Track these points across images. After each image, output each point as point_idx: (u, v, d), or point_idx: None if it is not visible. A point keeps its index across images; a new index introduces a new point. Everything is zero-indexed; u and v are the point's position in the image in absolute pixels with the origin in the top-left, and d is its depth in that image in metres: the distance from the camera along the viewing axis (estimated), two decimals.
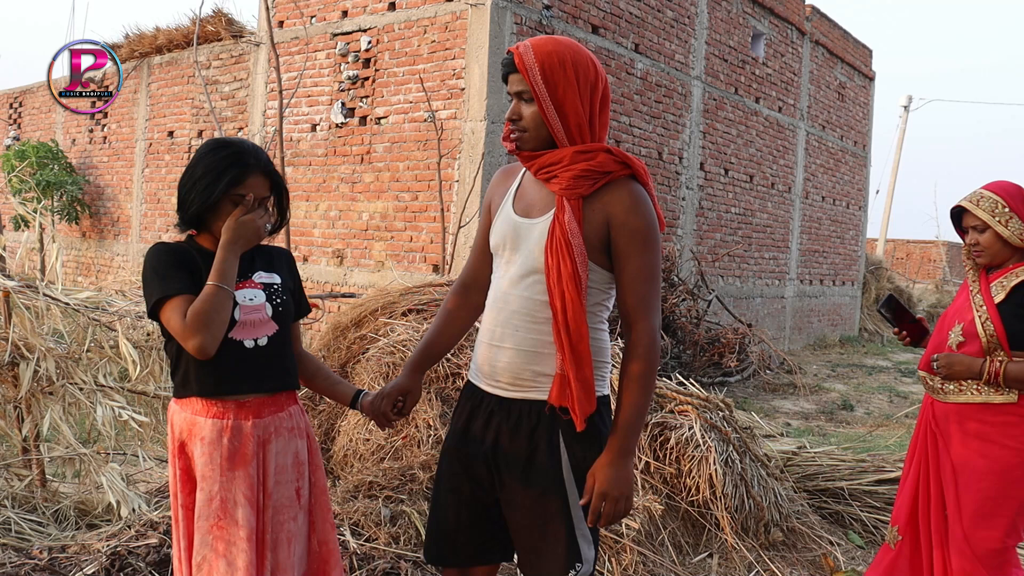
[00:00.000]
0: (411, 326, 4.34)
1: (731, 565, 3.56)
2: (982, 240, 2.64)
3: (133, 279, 4.75)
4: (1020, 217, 2.58)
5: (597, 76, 1.85)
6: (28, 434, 3.50)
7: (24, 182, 11.40)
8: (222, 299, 1.83)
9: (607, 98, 1.88)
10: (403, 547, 3.17)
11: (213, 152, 1.91)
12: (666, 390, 4.11)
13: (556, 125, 1.82)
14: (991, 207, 2.60)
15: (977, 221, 2.64)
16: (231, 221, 1.88)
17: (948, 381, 2.65)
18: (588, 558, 1.86)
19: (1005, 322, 2.54)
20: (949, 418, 2.65)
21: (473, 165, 7.45)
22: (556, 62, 1.80)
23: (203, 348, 1.81)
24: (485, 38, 7.42)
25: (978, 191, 2.68)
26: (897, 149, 23.56)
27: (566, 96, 1.80)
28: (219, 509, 1.87)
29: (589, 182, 1.80)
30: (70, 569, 2.81)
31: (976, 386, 2.58)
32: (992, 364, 2.52)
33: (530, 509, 1.86)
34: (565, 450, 1.84)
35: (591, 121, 1.84)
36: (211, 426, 1.89)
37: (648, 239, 1.81)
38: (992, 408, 2.55)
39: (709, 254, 10.70)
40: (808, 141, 13.35)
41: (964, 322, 2.64)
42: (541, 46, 1.82)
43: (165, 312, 1.84)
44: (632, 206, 1.81)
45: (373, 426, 3.85)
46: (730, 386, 8.41)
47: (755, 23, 11.59)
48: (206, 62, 10.38)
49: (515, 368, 1.87)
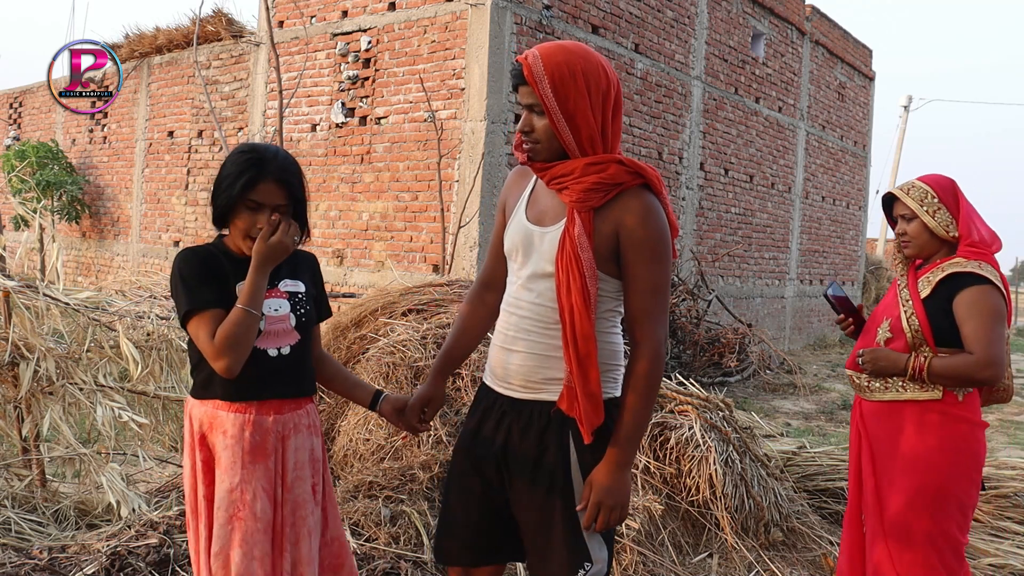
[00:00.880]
0: (411, 326, 4.33)
1: (731, 565, 3.56)
2: (909, 229, 2.61)
3: (133, 279, 4.75)
4: (948, 209, 2.55)
5: (609, 83, 1.82)
6: (28, 434, 3.50)
7: (24, 182, 11.40)
8: (250, 323, 1.88)
9: (619, 104, 1.86)
10: (403, 547, 3.17)
11: (239, 154, 1.96)
12: (666, 390, 4.11)
13: (568, 138, 1.80)
14: (920, 196, 2.57)
15: (906, 210, 2.61)
16: (260, 244, 1.90)
17: (874, 379, 2.60)
18: (600, 558, 1.86)
19: (930, 318, 2.49)
20: (877, 416, 2.61)
21: (473, 165, 7.45)
22: (567, 73, 1.77)
23: (230, 369, 1.87)
24: (485, 38, 7.42)
25: (911, 181, 2.66)
26: (897, 149, 23.57)
27: (577, 108, 1.78)
28: (239, 501, 1.92)
29: (600, 194, 1.79)
30: (70, 569, 2.81)
31: (901, 383, 2.53)
32: (916, 360, 2.47)
33: (538, 510, 1.87)
34: (575, 451, 1.84)
35: (603, 131, 1.82)
36: (233, 420, 1.94)
37: (656, 250, 1.79)
38: (917, 405, 2.50)
39: (709, 254, 10.70)
40: (808, 141, 13.35)
41: (891, 318, 2.60)
42: (551, 56, 1.79)
43: (194, 325, 1.90)
44: (642, 217, 1.79)
45: (373, 426, 3.85)
46: (730, 386, 8.41)
47: (755, 23, 11.59)
48: (206, 62, 10.38)
49: (526, 371, 1.88)
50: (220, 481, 1.94)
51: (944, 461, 2.47)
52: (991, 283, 2.44)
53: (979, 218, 2.60)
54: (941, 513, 2.49)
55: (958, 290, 2.46)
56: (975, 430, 2.51)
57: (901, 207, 2.63)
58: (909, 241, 2.61)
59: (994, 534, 3.84)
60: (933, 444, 2.48)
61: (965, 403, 2.50)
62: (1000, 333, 2.41)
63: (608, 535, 1.90)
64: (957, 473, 2.48)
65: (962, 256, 2.51)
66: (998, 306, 2.43)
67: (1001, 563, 3.60)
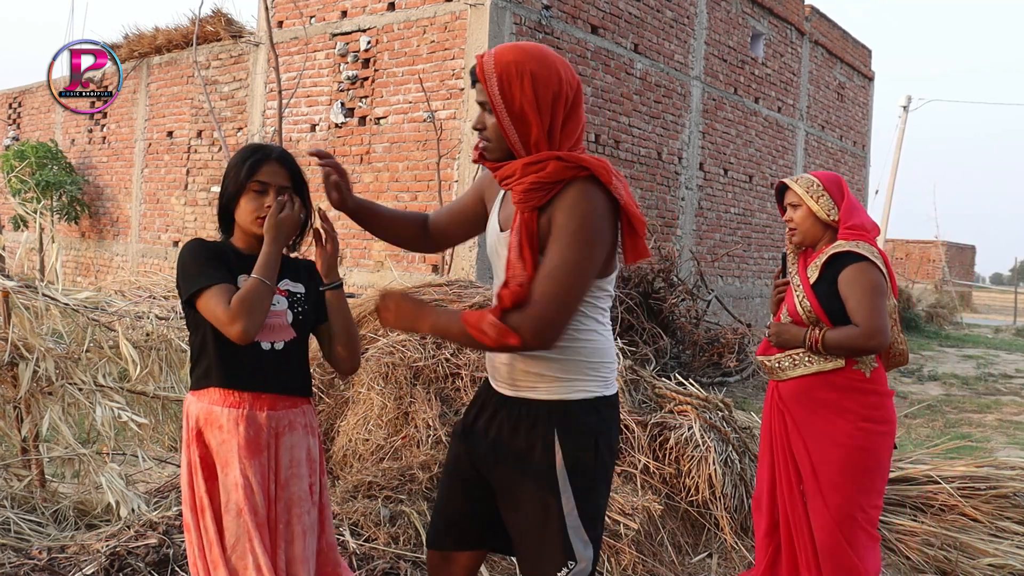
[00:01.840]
0: None
1: (731, 565, 3.57)
2: (796, 216, 2.83)
3: (132, 279, 4.76)
4: (832, 197, 2.79)
5: (560, 85, 1.79)
6: (27, 434, 3.50)
7: (24, 182, 11.40)
8: (264, 291, 1.94)
9: (576, 105, 1.84)
10: (402, 547, 3.17)
11: (239, 152, 2.08)
12: (666, 390, 4.11)
13: (513, 137, 1.80)
14: (807, 185, 2.82)
15: (794, 197, 2.83)
16: (270, 220, 1.98)
17: (784, 359, 2.82)
18: (585, 557, 1.86)
19: (822, 300, 2.73)
20: (794, 396, 2.81)
21: (472, 165, 7.45)
22: (514, 73, 1.77)
23: (246, 332, 1.89)
24: (484, 38, 7.42)
25: (802, 174, 2.93)
26: (897, 149, 23.56)
27: (523, 109, 1.77)
28: (242, 494, 1.95)
29: (541, 193, 1.77)
30: (69, 569, 2.81)
31: (808, 358, 2.76)
32: (812, 333, 2.72)
33: (525, 506, 1.88)
34: (560, 449, 1.84)
35: (551, 133, 1.80)
36: (227, 414, 1.97)
37: (574, 235, 1.73)
38: (826, 377, 2.73)
39: (708, 254, 10.70)
40: (807, 141, 13.35)
41: (788, 305, 2.85)
42: (502, 56, 1.80)
43: (205, 299, 1.92)
44: (570, 204, 1.75)
45: (372, 426, 3.85)
46: (729, 386, 8.41)
47: (754, 23, 11.60)
48: (205, 62, 10.38)
49: (510, 369, 1.90)
50: (224, 476, 1.97)
51: (868, 429, 2.70)
52: (868, 260, 2.68)
53: (862, 209, 2.86)
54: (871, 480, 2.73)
55: (840, 270, 2.71)
56: (884, 400, 2.77)
57: (790, 195, 2.86)
58: (795, 228, 2.85)
59: (994, 534, 3.84)
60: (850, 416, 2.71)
61: (873, 378, 2.75)
62: (880, 304, 2.66)
63: (594, 534, 1.90)
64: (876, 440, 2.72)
65: (842, 239, 2.75)
66: (876, 280, 2.67)
67: (1001, 563, 3.60)
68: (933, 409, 7.96)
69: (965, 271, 30.79)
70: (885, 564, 3.69)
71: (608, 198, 1.78)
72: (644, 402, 4.07)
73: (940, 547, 3.70)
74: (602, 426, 1.88)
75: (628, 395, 3.98)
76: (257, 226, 2.01)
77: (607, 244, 1.79)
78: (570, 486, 1.84)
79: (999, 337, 17.07)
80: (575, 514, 1.85)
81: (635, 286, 7.46)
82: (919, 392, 9.08)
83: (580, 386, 1.86)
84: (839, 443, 2.70)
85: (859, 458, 2.70)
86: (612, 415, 1.93)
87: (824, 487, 2.73)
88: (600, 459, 1.88)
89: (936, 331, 16.60)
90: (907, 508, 4.03)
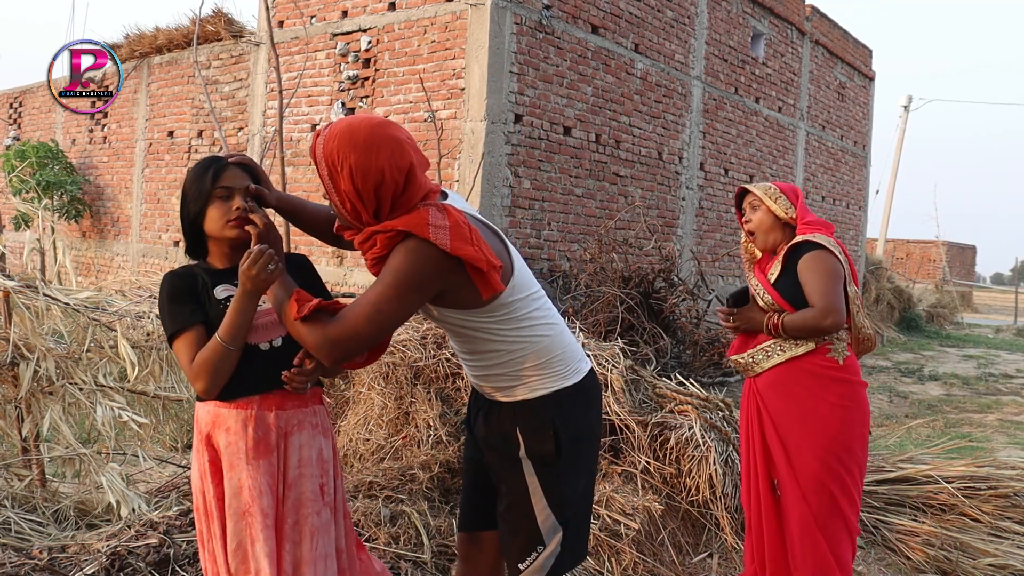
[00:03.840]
0: (411, 326, 4.34)
1: (731, 565, 3.57)
2: (755, 217, 2.98)
3: (133, 279, 4.76)
4: (788, 198, 2.96)
5: (383, 174, 1.86)
6: (28, 434, 3.50)
7: (24, 182, 11.40)
8: (226, 355, 1.93)
9: (411, 179, 1.90)
10: (403, 547, 3.17)
11: (195, 167, 2.07)
12: (666, 390, 4.11)
13: (345, 216, 1.95)
14: (765, 188, 2.98)
15: (754, 199, 2.99)
16: (245, 267, 1.89)
17: (757, 353, 2.92)
18: (554, 539, 2.05)
19: (783, 293, 2.86)
20: (770, 386, 2.90)
21: (473, 165, 7.45)
22: (336, 163, 1.87)
23: (206, 392, 1.96)
24: (485, 38, 7.42)
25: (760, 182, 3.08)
26: (897, 149, 23.56)
27: (349, 195, 1.89)
28: (248, 497, 1.95)
29: (383, 260, 1.92)
30: (70, 569, 2.81)
31: (779, 346, 2.88)
32: (771, 318, 2.87)
33: (502, 495, 2.11)
34: (522, 442, 2.04)
35: (378, 212, 1.91)
36: (235, 416, 1.98)
37: (382, 282, 1.86)
38: (800, 364, 2.83)
39: (709, 254, 10.70)
40: (808, 141, 13.35)
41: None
42: (328, 143, 1.88)
43: (176, 346, 1.98)
44: (389, 260, 1.88)
45: (373, 426, 3.86)
46: (730, 386, 8.40)
47: (755, 23, 11.59)
48: (206, 62, 10.38)
49: (475, 380, 2.15)
50: (228, 479, 1.96)
51: (843, 417, 2.79)
52: (824, 247, 2.84)
53: (814, 216, 3.03)
54: (846, 472, 2.79)
55: (798, 260, 2.85)
56: (857, 389, 2.86)
57: (750, 197, 3.01)
58: (755, 229, 2.99)
59: (994, 534, 3.84)
60: (831, 400, 2.79)
61: (846, 366, 2.85)
62: (835, 286, 2.80)
63: (563, 517, 2.06)
64: (851, 428, 2.80)
65: (800, 233, 2.91)
66: (832, 265, 2.82)
67: (1001, 563, 3.60)
68: (934, 409, 7.95)
69: (966, 271, 30.77)
70: (885, 564, 3.70)
71: (434, 247, 1.85)
72: (645, 402, 4.07)
73: (941, 547, 3.70)
74: (562, 416, 2.04)
75: (628, 395, 3.98)
76: (229, 229, 1.99)
77: (427, 288, 1.89)
78: (535, 475, 2.04)
79: (1000, 337, 17.07)
80: (543, 502, 2.04)
81: (636, 286, 7.45)
82: (920, 392, 9.07)
83: (535, 385, 2.03)
84: (814, 431, 2.78)
85: (832, 447, 2.78)
86: (575, 401, 2.08)
87: (799, 476, 2.80)
88: (562, 447, 2.03)
89: (937, 331, 16.60)
90: (907, 508, 4.03)
